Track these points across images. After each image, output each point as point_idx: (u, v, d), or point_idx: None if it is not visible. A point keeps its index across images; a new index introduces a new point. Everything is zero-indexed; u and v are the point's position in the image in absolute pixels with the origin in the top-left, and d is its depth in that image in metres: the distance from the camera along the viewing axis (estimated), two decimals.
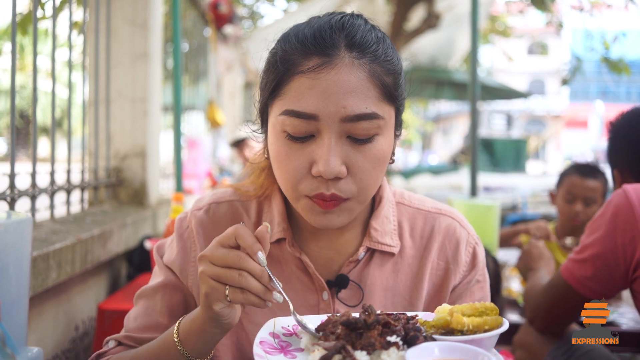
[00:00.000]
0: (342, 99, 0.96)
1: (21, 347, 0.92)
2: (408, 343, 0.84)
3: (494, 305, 0.91)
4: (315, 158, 0.98)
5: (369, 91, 0.98)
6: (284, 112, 0.99)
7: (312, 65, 0.97)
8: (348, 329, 0.85)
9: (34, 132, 2.04)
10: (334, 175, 0.96)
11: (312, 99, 0.96)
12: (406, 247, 1.17)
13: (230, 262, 0.90)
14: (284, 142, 1.01)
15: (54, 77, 2.23)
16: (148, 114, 3.14)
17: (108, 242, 2.37)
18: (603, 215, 1.65)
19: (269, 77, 1.04)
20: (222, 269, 0.91)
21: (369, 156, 1.00)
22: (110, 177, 2.98)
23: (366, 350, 0.82)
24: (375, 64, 1.00)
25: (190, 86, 5.62)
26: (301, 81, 0.98)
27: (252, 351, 0.87)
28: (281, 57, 1.01)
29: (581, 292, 1.66)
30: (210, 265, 0.92)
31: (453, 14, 7.27)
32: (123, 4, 3.10)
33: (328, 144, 0.97)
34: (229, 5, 5.94)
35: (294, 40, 1.02)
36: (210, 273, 0.92)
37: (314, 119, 0.97)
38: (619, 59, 7.53)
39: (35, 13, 2.05)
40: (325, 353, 0.81)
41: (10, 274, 0.88)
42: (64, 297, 2.14)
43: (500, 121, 36.69)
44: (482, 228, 2.88)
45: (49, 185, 2.21)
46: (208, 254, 0.93)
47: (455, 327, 0.86)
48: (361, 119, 0.97)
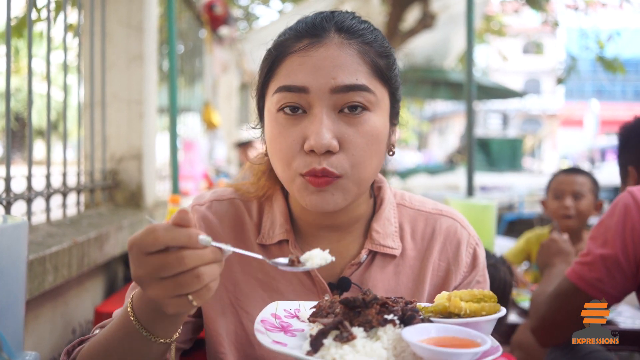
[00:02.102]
0: (331, 71, 0.99)
1: (18, 352, 0.91)
2: (405, 322, 0.85)
3: (492, 293, 0.91)
4: (307, 133, 0.99)
5: (359, 66, 1.01)
6: (277, 90, 1.02)
7: (302, 45, 1.02)
8: (347, 308, 0.86)
9: (29, 134, 2.03)
10: (325, 148, 0.97)
11: (302, 73, 1.00)
12: (407, 249, 1.17)
13: (175, 270, 0.76)
14: (278, 121, 1.02)
15: (49, 80, 2.22)
16: (144, 116, 3.13)
17: (105, 245, 2.36)
18: (610, 216, 1.65)
19: (263, 66, 1.08)
20: (172, 281, 0.77)
21: (361, 131, 1.00)
22: (107, 179, 2.98)
23: (363, 327, 0.83)
24: (366, 45, 1.03)
25: (186, 88, 5.61)
26: (292, 59, 1.02)
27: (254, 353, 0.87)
28: (274, 45, 1.06)
29: (592, 294, 1.64)
30: (158, 285, 0.77)
31: (448, 14, 7.28)
32: (118, 6, 3.10)
33: (319, 118, 0.98)
34: (224, 6, 5.94)
35: (287, 30, 1.07)
36: (166, 292, 0.77)
37: (305, 92, 0.99)
38: (613, 58, 7.56)
39: (30, 15, 2.04)
40: (322, 327, 0.82)
41: (6, 278, 0.88)
42: (60, 300, 2.13)
43: (496, 121, 36.79)
44: (480, 228, 2.86)
45: (45, 188, 2.20)
46: (145, 274, 0.78)
47: (453, 311, 0.87)
48: (351, 89, 0.99)
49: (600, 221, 1.68)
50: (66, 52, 2.43)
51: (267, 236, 1.16)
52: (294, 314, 0.97)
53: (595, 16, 8.48)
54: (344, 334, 0.80)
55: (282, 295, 1.13)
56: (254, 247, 1.17)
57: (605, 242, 1.62)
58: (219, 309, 1.15)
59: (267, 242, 1.15)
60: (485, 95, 11.16)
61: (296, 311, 0.98)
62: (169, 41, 3.58)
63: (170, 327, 0.90)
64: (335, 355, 0.77)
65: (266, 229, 1.17)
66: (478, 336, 0.80)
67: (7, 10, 1.84)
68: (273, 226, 1.16)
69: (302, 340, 0.86)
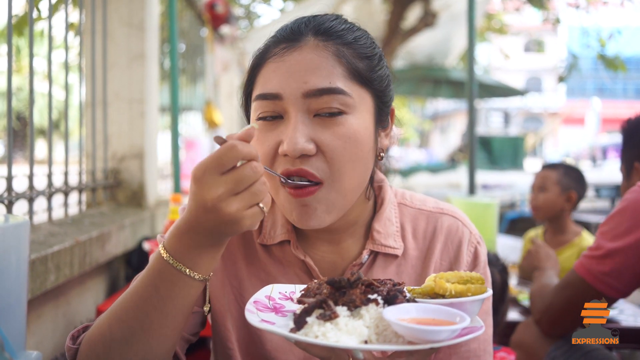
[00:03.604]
0: (304, 76, 0.98)
1: (20, 352, 0.91)
2: (388, 302, 0.86)
3: (479, 275, 0.92)
4: (282, 138, 0.99)
5: (334, 69, 0.99)
6: (255, 98, 1.03)
7: (278, 50, 1.02)
8: (333, 288, 0.87)
9: (31, 134, 2.03)
10: (299, 152, 0.96)
11: (276, 79, 1.00)
12: (409, 248, 1.16)
13: (251, 180, 0.83)
14: (260, 128, 1.03)
15: (50, 79, 2.22)
16: (145, 115, 3.13)
17: (106, 244, 2.36)
18: (621, 212, 1.65)
19: (247, 75, 1.09)
20: (249, 192, 0.83)
21: (338, 133, 0.98)
22: (108, 178, 2.98)
23: (347, 306, 0.84)
24: (343, 46, 1.02)
25: (188, 87, 5.61)
26: (269, 66, 1.02)
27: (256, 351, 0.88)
28: (255, 53, 1.07)
29: (599, 288, 1.64)
30: (235, 200, 0.83)
31: (449, 12, 7.27)
32: (119, 5, 3.10)
33: (294, 122, 0.98)
34: (226, 5, 5.93)
35: (269, 38, 1.07)
36: (244, 204, 0.83)
37: (278, 99, 0.99)
38: (615, 56, 7.55)
39: (31, 14, 2.04)
40: (306, 306, 0.84)
41: (8, 277, 0.88)
42: (62, 299, 2.13)
43: (497, 119, 36.75)
44: (482, 226, 2.86)
45: (47, 187, 2.20)
46: (224, 192, 0.82)
47: (438, 292, 0.88)
48: (324, 93, 0.98)
49: (610, 216, 1.68)
50: (67, 51, 2.43)
51: (268, 236, 1.16)
52: (289, 297, 0.98)
53: (597, 14, 8.48)
54: (327, 312, 0.82)
55: None
56: (255, 247, 1.17)
57: (615, 237, 1.63)
58: (226, 305, 1.15)
59: (269, 242, 1.15)
60: (486, 94, 11.15)
61: (291, 294, 0.99)
62: (170, 40, 3.57)
63: (211, 261, 0.91)
64: (317, 332, 0.79)
65: (267, 229, 1.17)
66: (458, 314, 0.81)
67: (8, 9, 1.84)
68: (274, 226, 1.16)
69: (291, 319, 0.87)
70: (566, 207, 2.88)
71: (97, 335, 0.95)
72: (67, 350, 0.99)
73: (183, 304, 0.92)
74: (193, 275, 0.89)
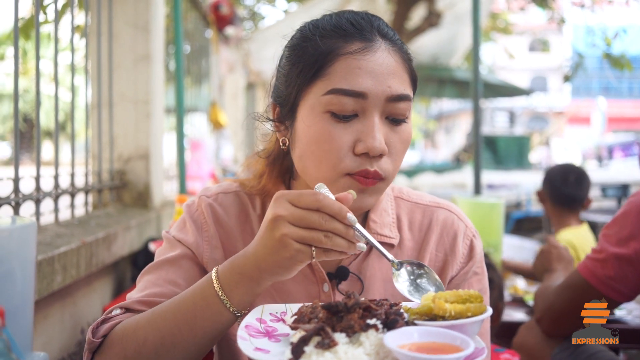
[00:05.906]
0: (387, 79, 1.01)
1: (27, 353, 0.92)
2: (388, 327, 0.84)
3: (478, 293, 0.90)
4: (360, 136, 1.02)
5: (404, 74, 1.05)
6: (330, 91, 1.01)
7: (356, 48, 1.02)
8: (329, 313, 0.86)
9: (37, 135, 2.04)
10: (380, 152, 1.01)
11: (361, 78, 1.00)
12: (405, 239, 1.19)
13: (315, 224, 0.87)
14: (327, 122, 1.02)
15: (56, 81, 2.23)
16: (151, 116, 3.14)
17: (113, 245, 2.37)
18: (626, 215, 1.63)
19: (305, 62, 1.05)
20: (307, 230, 0.88)
21: (402, 138, 1.05)
22: (114, 179, 2.99)
23: (345, 332, 0.82)
24: (402, 52, 1.07)
25: (193, 88, 5.62)
26: (347, 62, 1.01)
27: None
28: (320, 41, 1.04)
29: (603, 291, 1.63)
30: (292, 227, 0.88)
31: (454, 12, 7.26)
32: (124, 7, 3.11)
33: (375, 123, 1.01)
34: (230, 6, 5.93)
35: (328, 27, 1.06)
36: (296, 236, 0.88)
37: (363, 97, 1.01)
38: (620, 55, 7.50)
39: (37, 17, 2.04)
40: (304, 334, 0.81)
41: (15, 278, 0.88)
42: (69, 300, 2.14)
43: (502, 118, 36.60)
44: (487, 226, 2.87)
45: (53, 188, 2.21)
46: (286, 215, 0.88)
47: (438, 313, 0.86)
48: (401, 99, 1.03)
49: (614, 219, 1.67)
50: (73, 53, 2.44)
51: None
52: (280, 317, 0.97)
53: (602, 13, 8.43)
54: (326, 340, 0.79)
55: (282, 283, 1.14)
56: (254, 235, 1.18)
57: (620, 241, 1.61)
58: None
59: None
60: (491, 93, 11.14)
61: (282, 314, 0.98)
62: (175, 41, 3.58)
63: (248, 296, 0.95)
64: None
65: None
66: (462, 339, 0.79)
67: (14, 12, 1.85)
68: None
69: (286, 345, 0.85)
70: None
71: (132, 337, 0.99)
72: (88, 343, 1.02)
73: (212, 327, 0.97)
74: (225, 301, 0.95)
